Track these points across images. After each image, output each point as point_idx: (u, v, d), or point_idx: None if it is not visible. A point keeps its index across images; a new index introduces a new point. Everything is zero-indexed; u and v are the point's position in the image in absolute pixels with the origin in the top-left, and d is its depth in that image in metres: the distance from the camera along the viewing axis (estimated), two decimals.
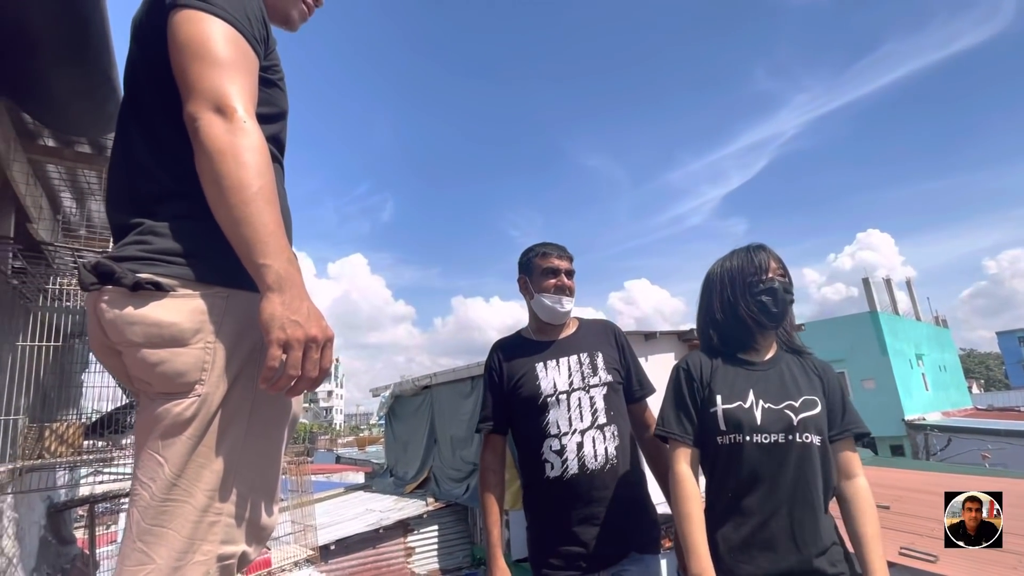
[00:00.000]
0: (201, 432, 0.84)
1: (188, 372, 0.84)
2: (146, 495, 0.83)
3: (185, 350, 0.84)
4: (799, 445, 1.30)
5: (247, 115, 0.85)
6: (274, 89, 1.02)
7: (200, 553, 0.84)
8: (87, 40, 1.45)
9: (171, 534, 0.82)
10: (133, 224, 0.91)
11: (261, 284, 0.82)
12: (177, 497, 0.83)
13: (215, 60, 0.85)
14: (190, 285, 0.87)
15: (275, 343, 0.79)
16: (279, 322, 0.79)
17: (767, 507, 1.28)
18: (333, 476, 16.80)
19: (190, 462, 0.84)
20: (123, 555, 0.83)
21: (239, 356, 0.89)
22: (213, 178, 0.82)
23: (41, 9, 1.32)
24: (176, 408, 0.83)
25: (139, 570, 0.81)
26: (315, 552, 4.14)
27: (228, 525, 0.87)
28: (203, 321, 0.86)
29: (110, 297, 0.85)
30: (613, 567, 1.63)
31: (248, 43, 0.91)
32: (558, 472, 1.65)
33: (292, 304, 0.81)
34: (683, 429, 1.42)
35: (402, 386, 10.69)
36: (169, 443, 0.83)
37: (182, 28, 0.86)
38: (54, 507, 3.20)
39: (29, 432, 2.05)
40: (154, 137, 0.94)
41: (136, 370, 0.86)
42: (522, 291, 1.92)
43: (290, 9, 1.14)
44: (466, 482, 8.54)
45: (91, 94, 1.66)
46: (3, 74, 1.56)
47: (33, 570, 2.64)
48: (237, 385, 0.88)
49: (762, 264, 1.46)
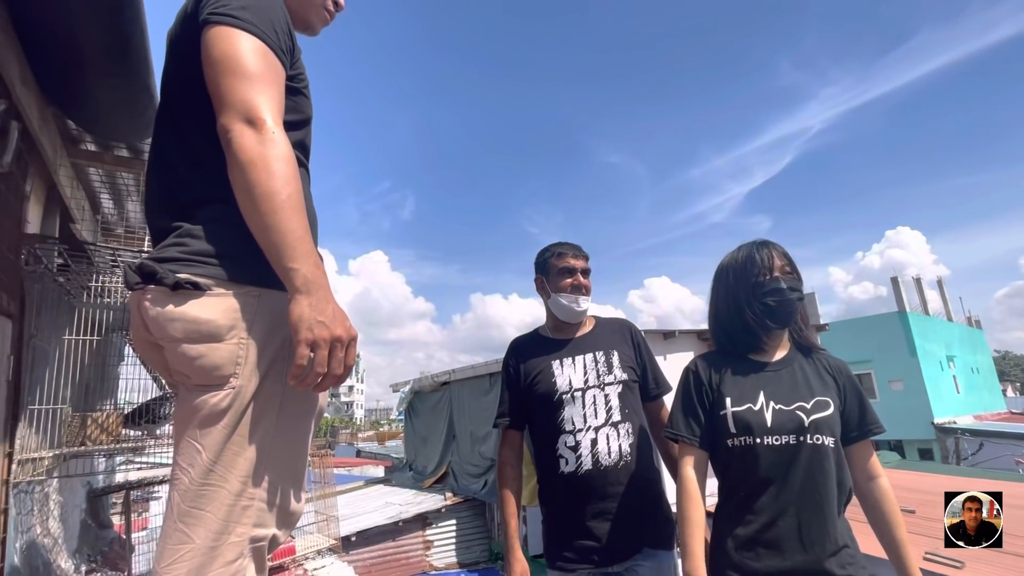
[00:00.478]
0: (235, 422, 0.91)
1: (224, 366, 0.90)
2: (185, 479, 0.90)
3: (221, 345, 0.90)
4: (810, 447, 1.29)
5: (276, 126, 0.91)
6: (299, 97, 1.07)
7: (235, 535, 0.90)
8: (127, 53, 1.54)
9: (209, 516, 0.89)
10: (172, 227, 0.97)
11: (290, 287, 0.87)
12: (214, 482, 0.89)
13: (245, 74, 0.91)
14: (225, 284, 0.93)
15: (303, 343, 0.85)
16: (307, 323, 0.85)
17: (775, 507, 1.28)
18: (354, 469, 17.09)
19: (225, 450, 0.90)
20: (165, 533, 0.90)
21: (270, 352, 0.95)
22: (245, 187, 0.87)
23: (87, 25, 1.41)
24: (213, 399, 0.90)
25: (179, 548, 0.88)
26: (337, 542, 4.26)
27: (260, 509, 0.93)
28: (237, 318, 0.92)
29: (153, 296, 0.91)
30: (626, 561, 1.66)
31: (275, 55, 0.97)
32: (572, 467, 1.68)
33: (318, 306, 0.86)
34: (691, 432, 1.42)
35: (421, 382, 10.82)
36: (206, 432, 0.90)
37: (215, 43, 0.92)
38: (93, 492, 3.37)
39: (72, 420, 2.17)
40: (189, 146, 1.00)
41: (176, 364, 0.93)
42: (539, 291, 1.95)
43: (311, 16, 1.19)
44: (484, 477, 8.62)
45: (131, 103, 1.76)
46: (52, 85, 1.66)
47: (75, 551, 2.79)
48: (268, 379, 0.94)
49: (765, 262, 1.42)
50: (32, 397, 1.86)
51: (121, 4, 1.40)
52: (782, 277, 1.41)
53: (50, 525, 2.27)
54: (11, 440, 1.72)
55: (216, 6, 0.94)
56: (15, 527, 1.72)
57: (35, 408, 1.87)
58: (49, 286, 1.97)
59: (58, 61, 1.54)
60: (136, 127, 1.95)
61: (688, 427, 1.43)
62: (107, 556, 3.24)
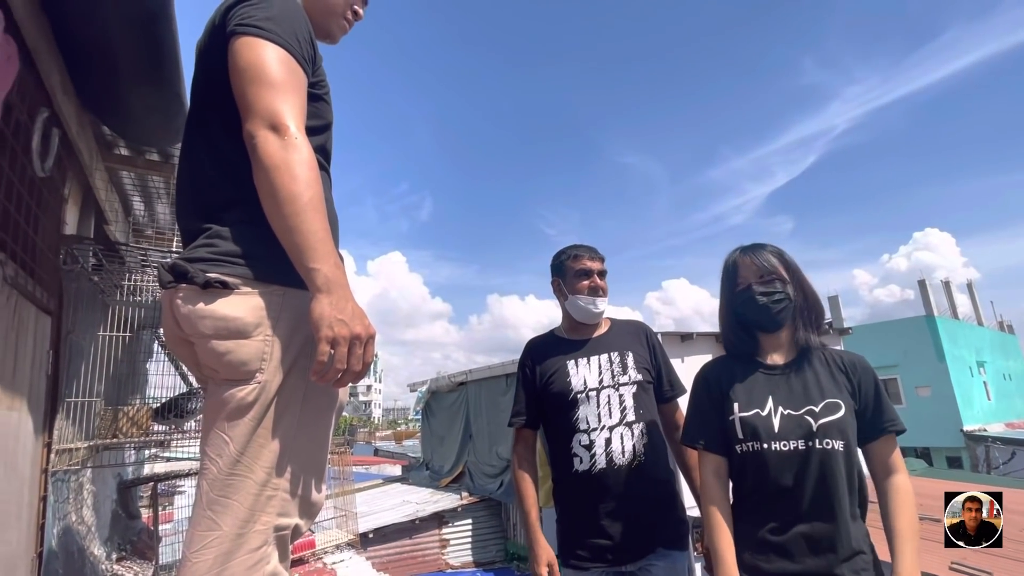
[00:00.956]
0: (261, 415, 0.95)
1: (250, 361, 0.95)
2: (214, 469, 0.94)
3: (247, 342, 0.95)
4: (819, 452, 1.27)
5: (298, 132, 0.95)
6: (320, 103, 1.11)
7: (260, 523, 0.94)
8: (160, 62, 1.61)
9: (235, 505, 0.93)
10: (202, 229, 1.02)
11: (311, 286, 0.91)
12: (240, 472, 0.93)
13: (270, 82, 0.95)
14: (251, 284, 0.97)
15: (324, 340, 0.88)
16: (327, 321, 0.89)
17: (785, 513, 1.27)
18: (372, 468, 17.27)
19: (251, 442, 0.94)
20: (194, 520, 0.95)
21: (293, 348, 0.99)
22: (269, 190, 0.92)
23: (123, 37, 1.48)
24: (240, 393, 0.94)
25: (208, 535, 0.92)
26: (356, 538, 4.33)
27: (284, 500, 0.97)
28: (263, 316, 0.96)
29: (184, 294, 0.96)
30: (640, 561, 1.66)
31: (298, 63, 1.01)
32: (586, 466, 1.70)
33: (339, 304, 0.90)
34: (705, 438, 1.42)
35: (438, 382, 10.90)
36: (234, 424, 0.94)
37: (241, 53, 0.96)
38: (123, 484, 3.49)
39: (105, 414, 2.27)
40: (217, 151, 1.05)
41: (206, 359, 0.98)
42: (556, 293, 1.96)
43: (331, 25, 1.23)
44: (500, 478, 8.65)
45: (162, 109, 1.83)
46: (89, 93, 1.75)
47: (107, 539, 2.90)
48: (291, 374, 0.98)
49: (732, 272, 1.45)
50: (69, 390, 1.95)
51: (155, 15, 1.47)
52: (755, 284, 1.41)
53: (84, 513, 2.37)
54: (50, 431, 1.81)
55: (242, 18, 0.98)
56: (53, 513, 1.80)
57: (71, 401, 1.96)
58: (85, 285, 2.06)
59: (96, 71, 1.62)
60: (167, 132, 2.03)
61: (703, 433, 1.43)
62: (136, 545, 3.36)
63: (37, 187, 1.56)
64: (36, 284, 1.60)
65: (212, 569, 0.89)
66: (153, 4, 1.42)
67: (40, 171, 1.51)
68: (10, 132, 1.33)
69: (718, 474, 1.40)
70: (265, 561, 0.95)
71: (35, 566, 1.65)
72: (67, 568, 2.02)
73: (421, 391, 11.57)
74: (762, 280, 1.41)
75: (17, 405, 1.46)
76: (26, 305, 1.50)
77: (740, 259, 1.44)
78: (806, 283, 1.45)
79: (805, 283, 1.45)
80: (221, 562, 0.90)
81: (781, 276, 1.41)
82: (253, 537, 0.93)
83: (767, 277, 1.41)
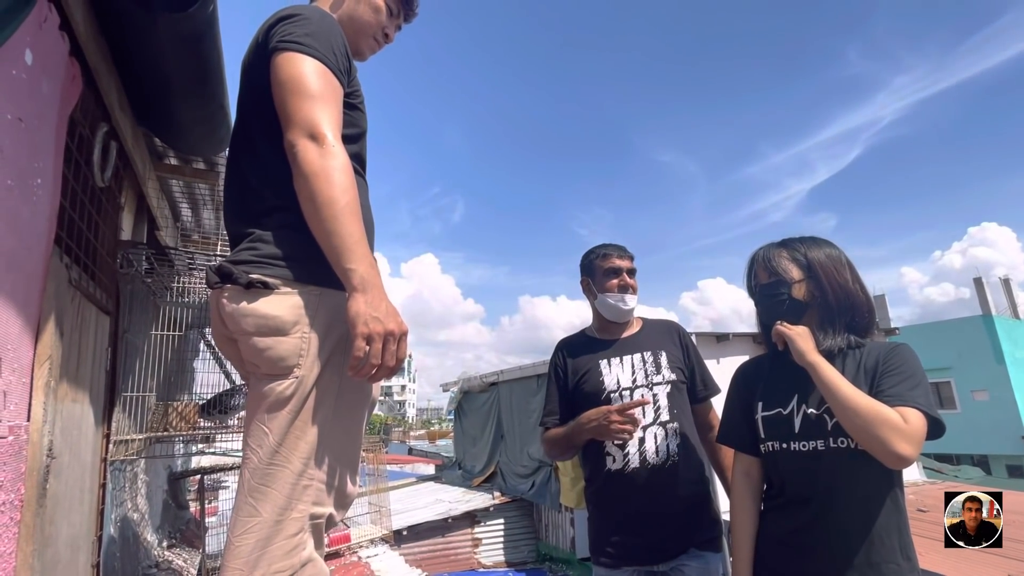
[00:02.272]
0: (298, 408, 1.00)
1: (288, 357, 1.00)
2: (255, 459, 1.00)
3: (286, 339, 1.01)
4: (833, 451, 1.23)
5: (335, 140, 1.01)
6: (356, 112, 1.17)
7: (296, 511, 1.00)
8: (207, 77, 1.72)
9: (274, 493, 0.98)
10: (246, 233, 1.09)
11: (348, 285, 0.96)
12: (278, 462, 0.99)
13: (309, 94, 1.01)
14: (291, 284, 1.03)
15: (360, 336, 0.93)
16: (363, 318, 0.94)
17: (803, 513, 1.25)
18: (405, 467, 17.57)
19: (289, 433, 1.00)
20: (237, 507, 1.01)
21: (328, 345, 1.04)
22: (308, 196, 0.98)
23: (173, 55, 1.59)
24: (279, 387, 1.00)
25: (249, 520, 0.98)
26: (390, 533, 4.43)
27: (319, 490, 1.03)
28: (300, 315, 1.02)
29: (229, 294, 1.03)
30: (672, 561, 1.65)
31: (335, 76, 1.07)
32: (619, 465, 1.69)
33: (373, 303, 0.95)
34: (737, 437, 1.42)
35: (470, 382, 11.00)
36: (273, 416, 1.00)
37: (282, 68, 1.03)
38: (173, 475, 3.69)
39: (156, 409, 2.41)
40: (260, 161, 1.12)
41: (248, 355, 1.04)
42: (585, 293, 1.96)
43: (362, 45, 1.31)
44: (532, 478, 8.66)
45: (208, 121, 1.95)
46: (142, 108, 1.87)
47: (158, 527, 3.07)
48: (327, 370, 1.03)
49: (749, 273, 1.48)
50: (125, 385, 2.09)
51: (201, 35, 1.57)
52: (761, 284, 1.43)
53: (138, 502, 2.52)
54: (108, 422, 1.94)
55: (284, 35, 1.05)
56: (111, 500, 1.93)
57: (127, 395, 2.10)
58: (139, 287, 2.20)
59: (148, 87, 1.74)
60: (212, 142, 2.16)
61: (735, 433, 1.43)
62: (184, 534, 3.54)
63: (97, 196, 1.69)
64: (96, 286, 1.72)
65: (253, 552, 0.95)
66: (200, 24, 1.52)
67: (100, 182, 1.64)
68: (74, 146, 1.45)
69: (748, 474, 1.39)
70: (302, 547, 1.00)
71: (95, 548, 1.78)
72: (123, 552, 2.16)
73: (453, 391, 11.70)
74: (768, 281, 1.42)
75: (80, 398, 1.58)
76: (88, 306, 1.62)
77: (757, 256, 1.46)
78: (838, 281, 1.35)
79: (837, 282, 1.35)
80: (261, 546, 0.96)
81: (788, 278, 1.37)
82: (290, 524, 0.99)
83: (772, 278, 1.41)
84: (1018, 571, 3.78)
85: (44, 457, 1.23)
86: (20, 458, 1.06)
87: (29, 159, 1.09)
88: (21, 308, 1.06)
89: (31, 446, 1.14)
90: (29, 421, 1.11)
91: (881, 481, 1.22)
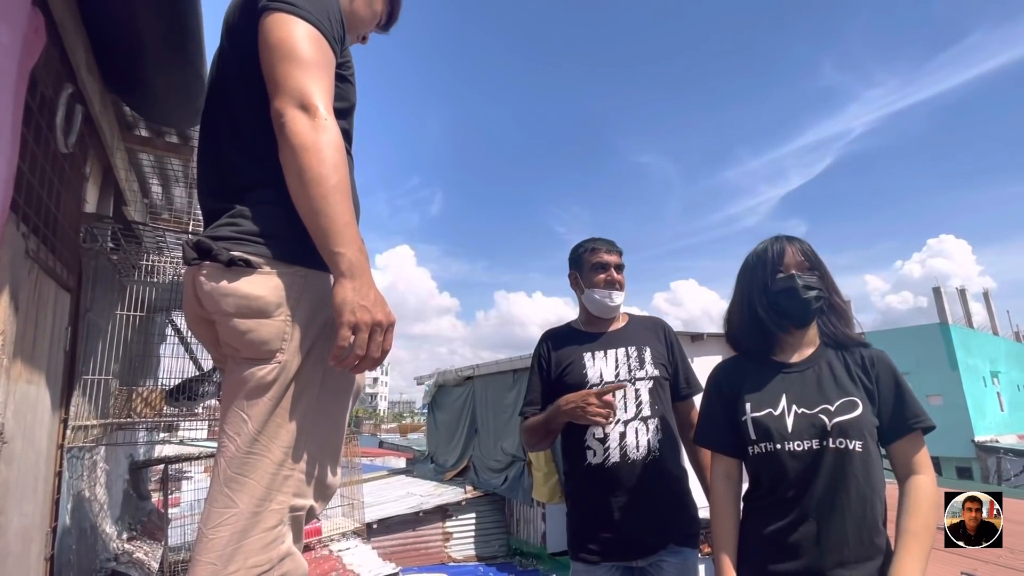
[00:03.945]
0: (280, 395, 0.94)
1: (271, 341, 0.94)
2: (232, 447, 0.93)
3: (269, 321, 0.94)
4: (833, 451, 1.22)
5: (327, 113, 0.94)
6: (346, 84, 1.10)
7: (275, 503, 0.94)
8: (184, 42, 1.61)
9: (252, 483, 0.92)
10: (224, 208, 1.01)
11: (335, 270, 0.90)
12: (258, 451, 0.93)
13: (301, 60, 0.94)
14: (274, 264, 0.96)
15: (346, 325, 0.88)
16: (350, 306, 0.88)
17: (796, 513, 1.23)
18: (376, 460, 17.39)
19: (270, 421, 0.94)
20: (211, 497, 0.94)
21: (313, 330, 0.98)
22: (296, 171, 0.90)
23: (148, 15, 1.48)
24: (260, 372, 0.93)
25: (224, 512, 0.91)
26: (362, 526, 4.35)
27: (299, 481, 0.97)
28: (284, 297, 0.96)
29: (208, 271, 0.95)
30: (651, 556, 1.65)
31: (328, 44, 0.99)
32: (600, 459, 1.68)
33: (362, 291, 0.89)
34: (716, 439, 1.39)
35: (445, 376, 10.93)
36: (253, 403, 0.93)
37: (272, 30, 0.95)
38: (135, 464, 3.53)
39: (119, 394, 2.28)
40: (241, 131, 1.04)
41: (227, 337, 0.97)
42: (573, 286, 1.96)
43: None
44: (504, 473, 8.66)
45: (183, 89, 1.83)
46: (113, 72, 1.75)
47: (118, 518, 2.93)
48: (310, 356, 0.97)
49: (776, 258, 1.35)
50: (86, 368, 1.97)
51: None
52: (797, 275, 1.33)
53: (97, 491, 2.39)
54: (66, 407, 1.82)
55: None
56: (67, 489, 1.82)
57: (88, 378, 1.97)
58: (103, 264, 2.07)
59: (119, 48, 1.62)
60: (186, 113, 2.04)
61: (714, 434, 1.40)
62: (146, 526, 3.40)
63: (60, 163, 1.57)
64: (57, 260, 1.60)
65: (228, 546, 0.89)
66: None
67: (63, 147, 1.52)
68: (36, 106, 1.34)
69: (728, 476, 1.37)
70: (280, 540, 0.94)
71: (49, 540, 1.67)
72: (79, 543, 2.04)
73: (428, 384, 11.60)
74: (808, 270, 1.34)
75: (36, 379, 1.47)
76: (47, 280, 1.51)
77: (772, 247, 1.37)
78: (832, 281, 1.39)
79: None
80: (237, 539, 0.90)
81: (822, 268, 1.36)
82: (269, 516, 0.93)
83: (811, 268, 1.35)
84: (971, 567, 3.95)
85: None
86: None
87: None
88: None
89: None
90: None
91: (874, 479, 1.24)
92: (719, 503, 1.36)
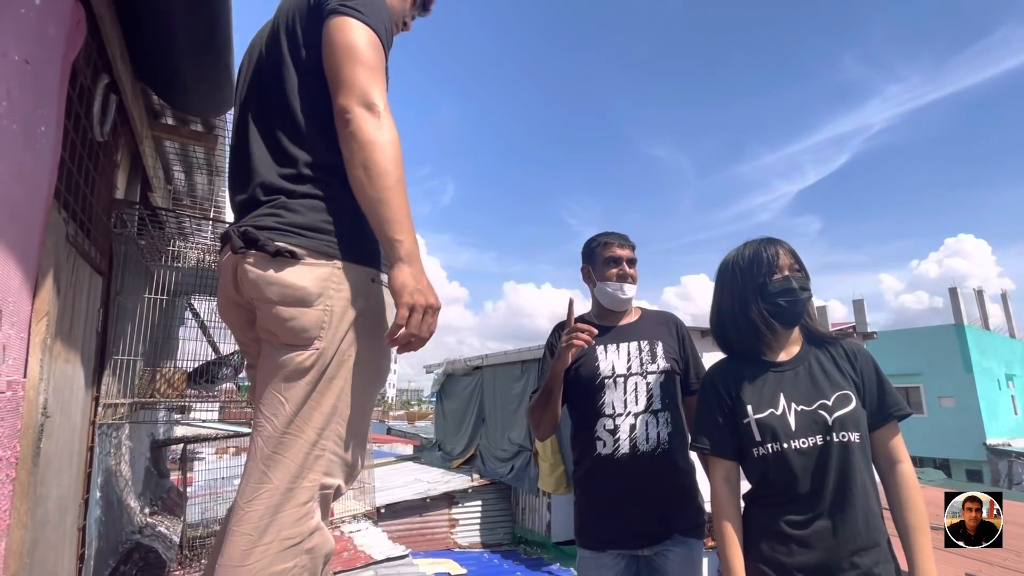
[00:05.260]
0: (316, 380, 1.00)
1: (310, 329, 1.00)
2: (269, 427, 0.99)
3: (310, 310, 1.00)
4: (838, 445, 1.26)
5: (387, 113, 1.01)
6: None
7: (307, 480, 1.00)
8: (215, 33, 1.65)
9: (287, 461, 0.98)
10: (264, 200, 1.06)
11: (393, 255, 0.98)
12: (293, 432, 0.99)
13: (366, 62, 1.01)
14: (315, 256, 1.02)
15: (404, 306, 0.96)
16: (409, 289, 0.96)
17: (808, 509, 1.26)
18: (384, 446, 17.62)
19: (305, 404, 1.00)
20: (247, 473, 1.00)
21: (348, 320, 1.04)
22: (362, 164, 0.98)
23: (181, 6, 1.52)
24: (299, 358, 0.99)
25: (260, 487, 0.97)
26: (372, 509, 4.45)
27: (330, 461, 1.03)
28: (325, 287, 1.02)
29: (254, 260, 1.01)
30: (656, 546, 1.69)
31: (385, 51, 1.08)
32: (609, 450, 1.72)
33: (417, 276, 0.97)
34: (714, 442, 1.40)
35: (454, 365, 11.02)
36: (290, 386, 0.99)
37: (341, 31, 1.02)
38: (156, 443, 3.64)
39: (144, 374, 2.36)
40: (297, 124, 1.09)
41: (268, 323, 1.03)
42: (585, 279, 1.98)
43: None
44: (511, 462, 8.75)
45: (211, 79, 1.88)
46: (144, 61, 1.80)
47: (140, 494, 3.04)
48: (345, 344, 1.03)
49: (772, 261, 1.39)
50: (115, 348, 2.04)
51: None
52: (792, 276, 1.38)
53: (122, 467, 2.48)
54: (98, 385, 1.89)
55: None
56: (98, 464, 1.90)
57: (118, 359, 2.05)
58: (132, 248, 2.14)
59: (151, 39, 1.67)
60: (214, 103, 2.08)
61: (712, 438, 1.40)
62: (165, 502, 3.51)
63: (95, 151, 1.62)
64: (91, 245, 1.67)
65: (263, 519, 0.95)
66: None
67: (99, 136, 1.57)
68: (75, 96, 1.39)
69: (728, 479, 1.38)
70: (311, 516, 1.00)
71: (81, 511, 1.75)
72: (107, 515, 2.13)
73: (437, 373, 11.71)
74: (795, 272, 1.40)
75: (72, 359, 1.54)
76: (82, 264, 1.57)
77: (767, 251, 1.41)
78: None
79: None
80: (271, 513, 0.96)
81: (806, 271, 1.42)
82: (301, 492, 0.99)
83: (798, 269, 1.41)
84: (975, 569, 3.96)
85: (39, 415, 1.20)
86: (16, 415, 1.03)
87: (35, 105, 1.03)
88: (21, 261, 1.02)
89: (27, 403, 1.10)
90: (26, 377, 1.07)
91: (871, 467, 1.30)
92: (723, 506, 1.36)
